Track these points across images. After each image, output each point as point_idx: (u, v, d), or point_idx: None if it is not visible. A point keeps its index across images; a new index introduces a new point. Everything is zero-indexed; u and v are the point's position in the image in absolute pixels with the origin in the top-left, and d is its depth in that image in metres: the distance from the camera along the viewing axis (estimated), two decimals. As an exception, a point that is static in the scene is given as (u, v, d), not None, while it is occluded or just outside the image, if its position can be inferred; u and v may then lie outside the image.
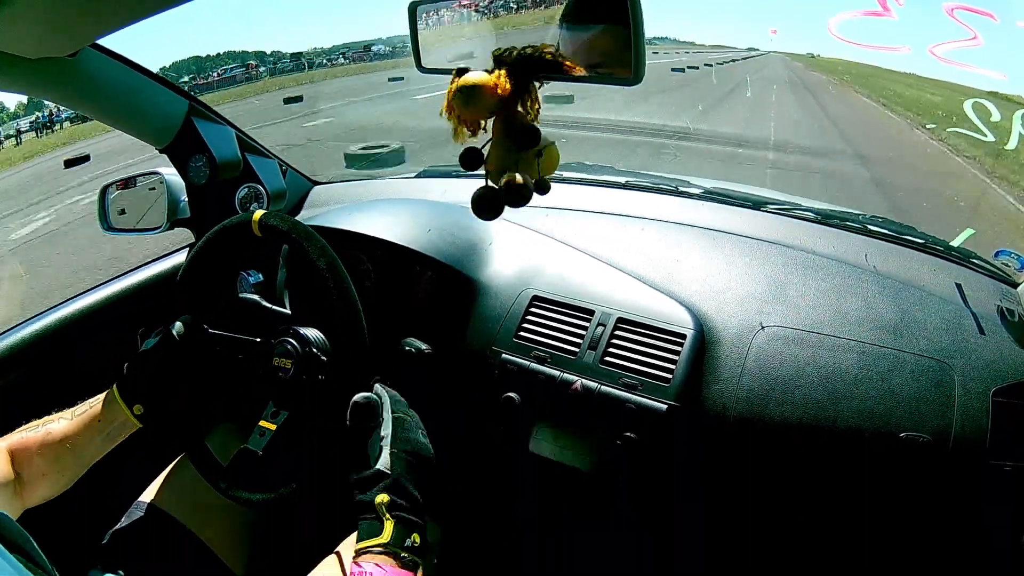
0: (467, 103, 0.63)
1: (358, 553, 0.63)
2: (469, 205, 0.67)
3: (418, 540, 0.65)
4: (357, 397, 0.73)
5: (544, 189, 0.66)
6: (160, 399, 0.82)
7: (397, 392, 0.78)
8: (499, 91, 0.61)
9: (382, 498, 0.65)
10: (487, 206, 0.65)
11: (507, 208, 0.65)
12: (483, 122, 0.65)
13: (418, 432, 0.72)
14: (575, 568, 1.13)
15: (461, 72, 0.63)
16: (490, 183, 0.65)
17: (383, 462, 0.67)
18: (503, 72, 0.62)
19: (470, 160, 0.65)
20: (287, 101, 15.53)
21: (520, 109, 0.63)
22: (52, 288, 4.33)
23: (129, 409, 0.81)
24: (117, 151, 9.23)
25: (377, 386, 0.78)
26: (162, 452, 0.99)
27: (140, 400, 0.81)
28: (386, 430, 0.71)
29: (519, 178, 0.62)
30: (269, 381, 0.80)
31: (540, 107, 0.64)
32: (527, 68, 0.63)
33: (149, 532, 0.92)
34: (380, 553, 0.62)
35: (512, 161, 0.64)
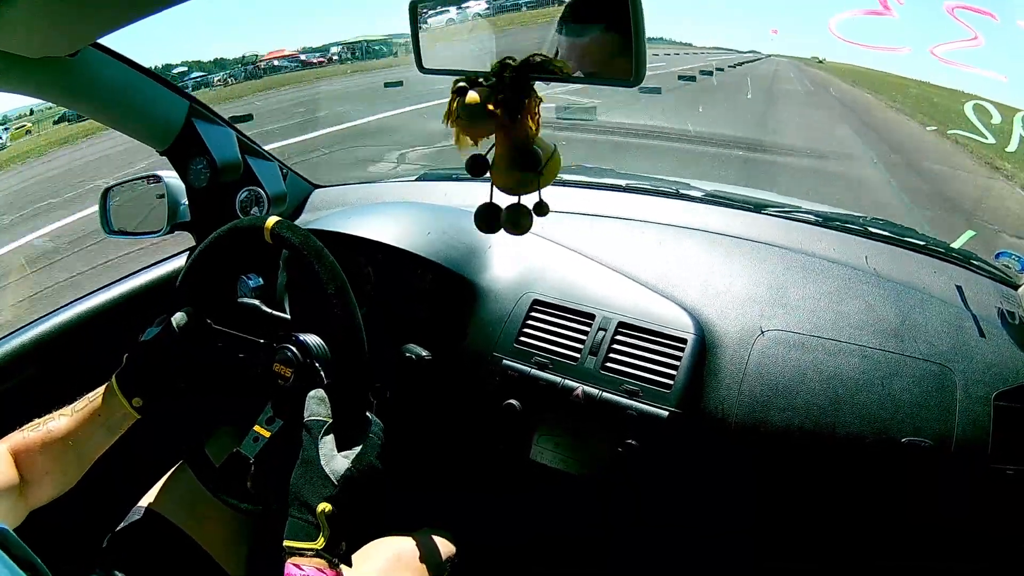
0: (469, 123, 0.64)
1: (289, 552, 0.65)
2: (469, 208, 0.67)
3: (344, 547, 0.67)
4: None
5: (543, 211, 0.68)
6: (159, 391, 0.82)
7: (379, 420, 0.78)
8: (498, 119, 0.63)
9: (325, 507, 0.66)
10: (487, 223, 0.69)
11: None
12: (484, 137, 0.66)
13: (376, 458, 0.72)
14: (577, 574, 1.12)
15: (463, 91, 0.63)
16: (493, 200, 0.68)
17: (337, 474, 0.68)
18: (500, 97, 0.63)
19: (476, 167, 0.67)
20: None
21: (524, 124, 0.64)
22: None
23: (128, 401, 0.80)
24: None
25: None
26: (161, 456, 0.99)
27: (139, 392, 0.81)
28: (359, 446, 0.71)
29: (519, 215, 0.67)
30: (268, 385, 0.80)
31: (540, 119, 0.65)
32: (523, 79, 0.63)
33: (148, 536, 0.92)
34: (314, 556, 0.64)
35: (515, 181, 0.66)
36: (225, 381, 0.86)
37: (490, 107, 0.62)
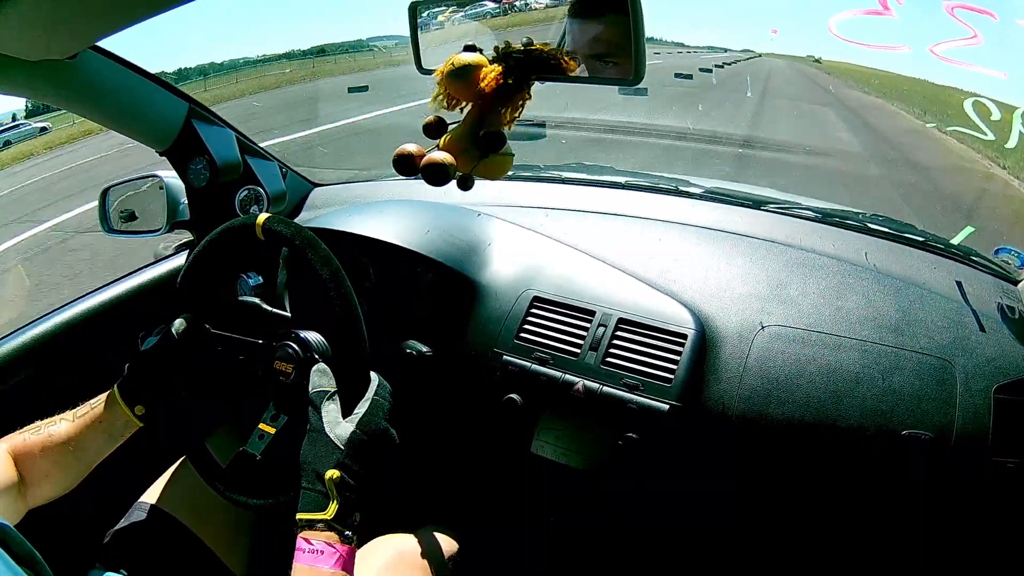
0: (454, 81, 0.63)
1: (301, 525, 0.63)
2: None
3: (358, 519, 0.65)
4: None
5: (465, 186, 0.66)
6: (161, 399, 0.82)
7: (387, 383, 0.77)
8: (483, 85, 0.62)
9: (333, 474, 0.64)
10: (402, 166, 0.65)
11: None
12: (462, 103, 0.66)
13: (383, 419, 0.71)
14: (579, 568, 1.13)
15: (469, 48, 0.63)
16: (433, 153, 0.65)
17: (342, 439, 0.66)
18: (499, 69, 0.62)
19: (431, 129, 0.66)
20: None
21: (501, 109, 0.64)
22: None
23: (130, 410, 0.80)
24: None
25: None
26: (162, 453, 0.99)
27: (141, 401, 0.81)
28: (360, 408, 0.70)
29: (438, 158, 0.62)
30: (270, 384, 0.80)
31: (520, 115, 0.65)
32: (526, 69, 0.63)
33: (150, 532, 0.92)
34: (324, 529, 0.62)
35: (460, 149, 0.64)
36: (226, 384, 0.86)
37: (485, 73, 0.62)
